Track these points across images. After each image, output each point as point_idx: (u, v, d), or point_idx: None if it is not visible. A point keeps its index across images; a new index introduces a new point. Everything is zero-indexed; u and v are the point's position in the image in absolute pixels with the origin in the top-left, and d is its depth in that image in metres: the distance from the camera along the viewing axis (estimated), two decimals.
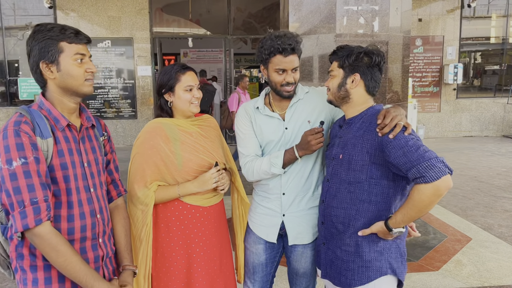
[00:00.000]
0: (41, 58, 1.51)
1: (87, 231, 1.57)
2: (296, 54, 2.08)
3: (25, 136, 1.43)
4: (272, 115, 2.17)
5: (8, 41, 10.21)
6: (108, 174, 1.81)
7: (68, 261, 1.45)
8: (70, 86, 1.55)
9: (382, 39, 3.64)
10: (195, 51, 13.18)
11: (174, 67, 2.13)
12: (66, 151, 1.54)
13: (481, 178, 6.98)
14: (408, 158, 1.66)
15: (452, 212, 5.31)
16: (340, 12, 3.58)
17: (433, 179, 1.61)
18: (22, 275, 1.52)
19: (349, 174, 1.87)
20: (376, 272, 1.84)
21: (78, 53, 1.54)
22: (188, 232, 2.11)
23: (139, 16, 10.05)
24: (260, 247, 2.25)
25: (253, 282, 2.30)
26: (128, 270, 1.72)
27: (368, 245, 1.85)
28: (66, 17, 9.79)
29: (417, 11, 10.74)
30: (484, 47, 12.11)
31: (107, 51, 10.09)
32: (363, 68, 1.89)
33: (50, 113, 1.54)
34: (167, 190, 2.07)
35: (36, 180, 1.41)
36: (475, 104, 11.44)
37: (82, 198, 1.57)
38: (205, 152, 2.12)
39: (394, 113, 1.77)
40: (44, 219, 1.41)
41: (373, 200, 1.83)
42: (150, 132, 2.10)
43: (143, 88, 10.22)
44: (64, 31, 1.52)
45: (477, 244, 4.32)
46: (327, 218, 1.97)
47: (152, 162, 2.05)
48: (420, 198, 1.66)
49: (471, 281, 3.55)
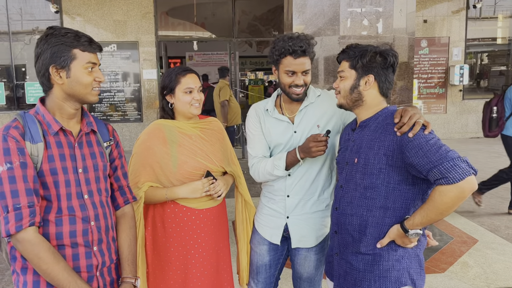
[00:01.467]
0: (52, 62, 1.49)
1: (77, 237, 1.53)
2: (307, 57, 2.05)
3: (12, 141, 1.42)
4: (281, 119, 2.15)
5: (15, 46, 10.30)
6: (114, 180, 1.75)
7: (51, 269, 1.42)
8: (78, 93, 1.54)
9: (386, 40, 3.64)
10: (200, 54, 13.23)
11: (175, 69, 2.17)
12: (57, 157, 1.51)
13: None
14: (429, 158, 1.57)
15: (458, 213, 5.28)
16: (344, 14, 3.58)
17: (456, 180, 1.52)
18: (16, 277, 1.52)
19: (364, 179, 1.76)
20: (395, 283, 1.72)
21: (90, 62, 1.54)
22: (184, 234, 2.12)
23: (144, 20, 10.10)
24: (264, 248, 2.25)
25: (256, 282, 2.30)
26: (126, 283, 1.66)
27: (387, 253, 1.74)
28: (72, 21, 9.86)
29: (422, 12, 10.71)
30: (490, 48, 12.05)
31: (113, 55, 10.15)
32: (377, 69, 1.80)
33: (43, 118, 1.52)
34: (156, 192, 2.08)
35: (21, 185, 1.39)
36: (482, 105, 11.35)
37: (74, 204, 1.53)
38: (202, 155, 2.13)
39: (412, 111, 1.70)
40: (25, 225, 1.38)
41: (390, 207, 1.72)
42: (149, 133, 2.15)
43: (149, 92, 10.27)
44: (79, 38, 1.51)
45: (484, 246, 4.29)
46: (342, 227, 1.86)
47: (147, 163, 2.09)
48: (442, 200, 1.55)
49: (477, 283, 3.53)
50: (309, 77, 2.10)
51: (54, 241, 1.49)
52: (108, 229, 1.65)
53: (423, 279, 1.80)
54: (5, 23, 10.18)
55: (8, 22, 10.14)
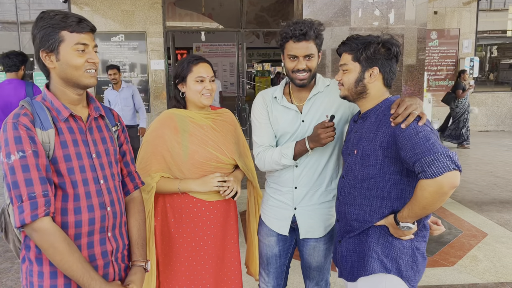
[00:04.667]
0: (41, 46, 1.46)
1: (95, 224, 1.51)
2: (308, 41, 1.99)
3: (22, 129, 1.39)
4: (290, 107, 2.12)
5: (23, 36, 10.31)
6: (124, 166, 1.76)
7: (65, 259, 1.40)
8: (70, 76, 1.49)
9: (397, 32, 3.59)
10: (208, 45, 13.17)
11: (188, 58, 2.15)
12: (70, 142, 1.49)
13: (497, 173, 6.89)
14: (415, 150, 1.55)
15: (467, 207, 5.25)
16: (355, 4, 3.54)
17: (435, 174, 1.49)
18: (29, 266, 1.50)
19: (362, 170, 1.79)
20: (381, 267, 1.75)
21: (80, 43, 1.47)
22: (193, 225, 2.12)
23: (152, 10, 10.06)
24: (272, 239, 2.24)
25: (267, 273, 2.30)
26: (137, 266, 1.66)
27: (380, 238, 1.77)
28: (80, 11, 9.84)
29: (432, 4, 10.58)
30: (500, 41, 11.90)
31: (120, 45, 10.14)
32: (381, 60, 1.78)
33: (52, 104, 1.50)
34: (169, 182, 2.08)
35: (35, 174, 1.37)
36: (491, 98, 11.26)
37: (91, 190, 1.51)
38: (213, 145, 2.12)
39: (409, 102, 1.67)
40: (40, 215, 1.36)
41: (387, 197, 1.74)
42: (160, 121, 2.14)
43: (156, 82, 10.26)
44: (66, 19, 1.45)
45: (493, 239, 4.27)
46: (342, 216, 1.91)
47: (158, 152, 2.08)
48: (423, 195, 1.54)
49: (487, 276, 3.51)
50: (313, 62, 2.04)
51: (72, 229, 1.47)
52: (121, 214, 1.65)
53: (416, 272, 1.78)
54: (13, 13, 10.19)
55: (16, 12, 10.16)
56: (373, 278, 1.77)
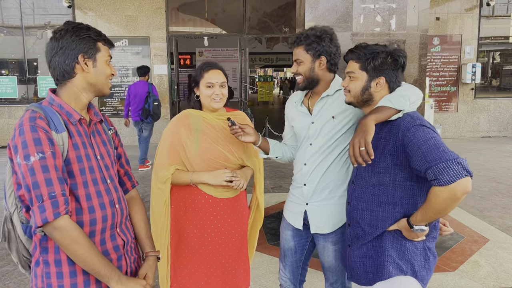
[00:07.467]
0: (81, 51, 1.58)
1: (107, 220, 1.61)
2: (299, 47, 2.17)
3: (41, 131, 1.44)
4: (302, 110, 2.29)
5: (27, 40, 10.39)
6: (120, 166, 1.87)
7: (88, 253, 1.47)
8: (100, 83, 1.64)
9: (399, 37, 3.62)
10: (210, 50, 13.23)
11: (203, 64, 2.36)
12: (80, 144, 1.57)
13: (499, 179, 6.88)
14: (426, 158, 1.61)
15: (469, 213, 5.25)
16: (356, 10, 3.57)
17: (448, 182, 1.55)
18: (45, 269, 1.53)
19: (372, 177, 1.83)
20: (397, 270, 1.79)
21: (109, 55, 1.67)
22: (204, 218, 2.30)
23: (155, 15, 10.13)
24: (288, 233, 2.39)
25: (284, 265, 2.45)
26: (151, 256, 1.79)
27: (394, 242, 1.81)
28: (84, 16, 9.92)
29: (434, 10, 10.61)
30: (503, 47, 11.90)
31: (124, 50, 10.21)
32: (388, 70, 1.83)
33: (61, 108, 1.56)
34: (182, 174, 2.27)
35: (54, 174, 1.43)
36: (494, 104, 11.26)
37: (101, 189, 1.61)
38: (223, 145, 2.29)
39: (355, 139, 1.75)
40: (62, 213, 1.42)
41: (398, 202, 1.79)
42: (177, 120, 2.35)
43: (159, 87, 10.30)
44: (100, 33, 1.65)
45: (495, 245, 4.26)
46: (353, 220, 1.94)
47: (173, 147, 2.27)
48: (436, 201, 1.61)
49: (488, 282, 3.51)
50: (303, 67, 2.18)
51: (87, 227, 1.55)
52: (126, 210, 1.77)
53: (428, 271, 1.85)
54: (18, 18, 10.27)
55: (21, 16, 10.23)
56: (389, 281, 1.82)
